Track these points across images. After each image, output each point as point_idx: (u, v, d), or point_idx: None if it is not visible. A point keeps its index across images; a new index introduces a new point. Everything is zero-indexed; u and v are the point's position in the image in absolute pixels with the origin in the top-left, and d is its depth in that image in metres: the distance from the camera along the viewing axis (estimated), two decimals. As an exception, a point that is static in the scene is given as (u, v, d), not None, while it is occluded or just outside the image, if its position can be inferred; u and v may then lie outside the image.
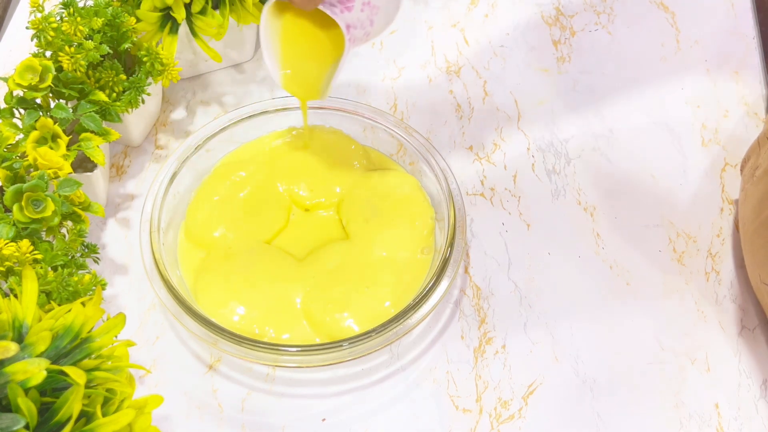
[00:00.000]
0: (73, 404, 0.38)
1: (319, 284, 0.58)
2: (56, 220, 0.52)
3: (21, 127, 0.57)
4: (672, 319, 0.60)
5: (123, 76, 0.61)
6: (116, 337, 0.43)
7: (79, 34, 0.58)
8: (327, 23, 0.54)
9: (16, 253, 0.49)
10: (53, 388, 0.40)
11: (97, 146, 0.58)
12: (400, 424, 0.55)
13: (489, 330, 0.59)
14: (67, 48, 0.57)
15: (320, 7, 0.51)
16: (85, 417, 0.39)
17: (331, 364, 0.55)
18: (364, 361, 0.57)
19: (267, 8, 0.54)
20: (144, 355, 0.58)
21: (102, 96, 0.59)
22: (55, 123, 0.56)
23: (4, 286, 0.51)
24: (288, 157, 0.65)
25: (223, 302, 0.57)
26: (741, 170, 0.64)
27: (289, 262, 0.60)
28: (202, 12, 0.64)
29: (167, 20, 0.64)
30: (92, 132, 0.58)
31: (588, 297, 0.61)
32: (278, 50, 0.57)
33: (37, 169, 0.54)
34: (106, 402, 0.41)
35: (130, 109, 0.62)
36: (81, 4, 0.61)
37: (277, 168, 0.64)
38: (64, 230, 0.55)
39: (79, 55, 0.57)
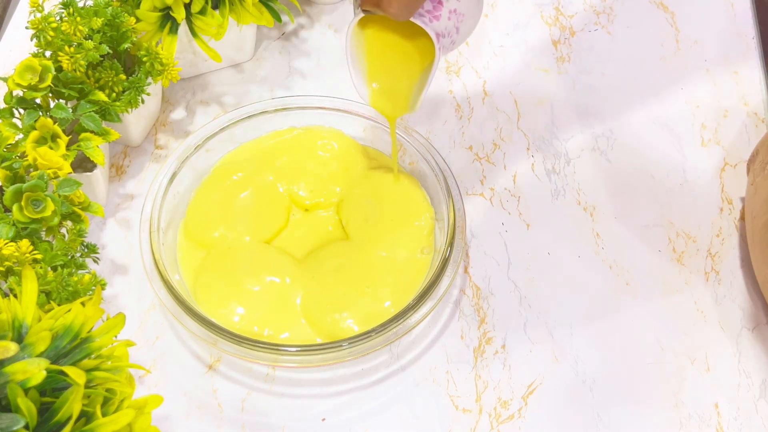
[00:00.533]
0: (72, 404, 0.38)
1: (319, 284, 0.58)
2: (56, 220, 0.52)
3: (21, 127, 0.57)
4: (672, 319, 0.60)
5: (123, 76, 0.61)
6: (116, 337, 0.43)
7: (78, 34, 0.58)
8: (413, 34, 0.53)
9: (16, 253, 0.49)
10: (53, 388, 0.40)
11: (97, 146, 0.58)
12: (400, 424, 0.55)
13: (489, 330, 0.59)
14: (66, 48, 0.57)
15: (411, 18, 0.50)
16: (85, 417, 0.39)
17: (330, 364, 0.55)
18: (363, 361, 0.57)
19: (352, 25, 0.52)
20: (144, 355, 0.58)
21: (102, 96, 0.59)
22: (54, 123, 0.56)
23: (4, 286, 0.51)
24: (288, 157, 0.65)
25: (222, 302, 0.57)
26: (749, 164, 0.63)
27: (289, 262, 0.60)
28: (202, 12, 0.64)
29: (167, 20, 0.64)
30: (92, 132, 0.58)
31: (588, 297, 0.61)
32: (364, 65, 0.55)
33: (36, 169, 0.54)
34: (105, 402, 0.41)
35: (129, 109, 0.62)
36: (81, 4, 0.61)
37: (277, 168, 0.64)
38: (63, 230, 0.55)
39: (78, 55, 0.57)
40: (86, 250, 0.56)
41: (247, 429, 0.54)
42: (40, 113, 0.57)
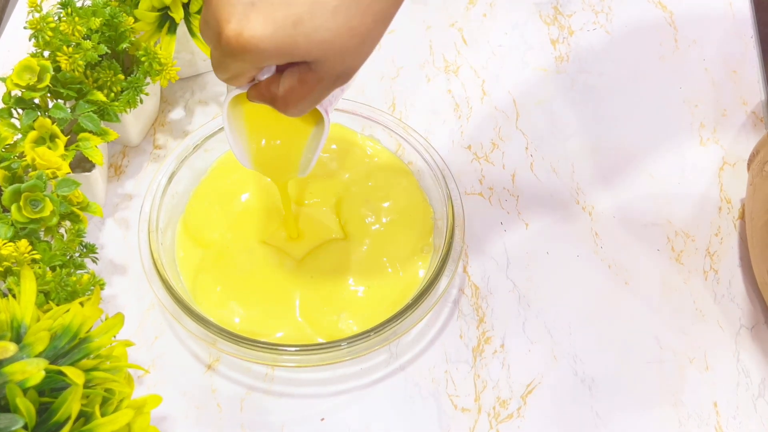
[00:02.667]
0: (71, 404, 0.38)
1: (318, 284, 0.58)
2: (54, 220, 0.52)
3: (19, 127, 0.57)
4: (670, 318, 0.60)
5: (121, 76, 0.61)
6: (115, 337, 0.43)
7: (77, 34, 0.58)
8: None
9: (15, 253, 0.49)
10: (52, 389, 0.40)
11: (96, 146, 0.58)
12: (399, 423, 0.55)
13: (488, 329, 0.59)
14: (65, 48, 0.57)
15: None
16: (84, 417, 0.39)
17: (329, 364, 0.55)
18: (362, 360, 0.57)
19: (227, 102, 0.48)
20: (143, 355, 0.58)
21: (100, 96, 0.59)
22: (53, 123, 0.56)
23: (3, 286, 0.51)
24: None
25: (221, 302, 0.57)
26: (749, 164, 0.64)
27: (288, 261, 0.60)
28: (200, 11, 0.64)
29: (165, 20, 0.64)
30: (90, 132, 0.58)
31: (587, 296, 0.61)
32: (244, 135, 0.52)
33: (35, 169, 0.54)
34: (104, 402, 0.41)
35: (128, 109, 0.61)
36: (79, 4, 0.61)
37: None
38: (62, 230, 0.55)
39: (77, 55, 0.57)
40: (85, 250, 0.56)
41: (246, 429, 0.54)
42: (39, 113, 0.57)
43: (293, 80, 0.42)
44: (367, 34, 0.40)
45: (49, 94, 0.59)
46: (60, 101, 0.59)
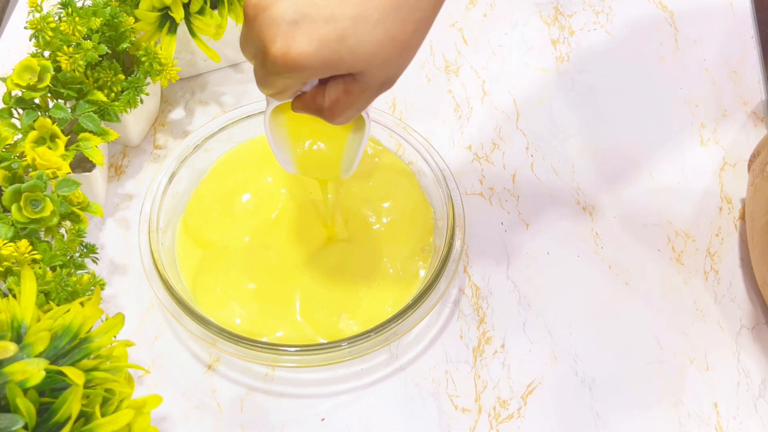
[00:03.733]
0: (71, 404, 0.38)
1: (318, 284, 0.58)
2: (55, 220, 0.52)
3: (19, 127, 0.57)
4: (671, 318, 0.60)
5: (121, 76, 0.61)
6: (115, 337, 0.43)
7: (77, 34, 0.58)
8: None
9: (15, 253, 0.49)
10: (52, 389, 0.40)
11: (96, 146, 0.58)
12: (399, 423, 0.55)
13: (488, 329, 0.59)
14: (65, 48, 0.57)
15: None
16: (84, 417, 0.39)
17: (330, 364, 0.55)
18: (363, 360, 0.57)
19: (269, 113, 0.49)
20: (143, 355, 0.58)
21: (100, 96, 0.59)
22: (53, 123, 0.56)
23: (3, 287, 0.51)
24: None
25: (221, 302, 0.57)
26: (749, 165, 0.64)
27: (288, 261, 0.60)
28: (201, 12, 0.64)
29: (166, 20, 0.64)
30: (91, 132, 0.58)
31: (587, 296, 0.61)
32: (287, 139, 0.53)
33: (35, 169, 0.54)
34: (105, 402, 0.41)
35: (128, 109, 0.61)
36: (79, 4, 0.61)
37: (276, 168, 0.64)
38: (62, 230, 0.55)
39: (77, 55, 0.57)
40: (85, 250, 0.56)
41: (246, 429, 0.54)
42: (39, 113, 0.57)
43: (339, 92, 0.42)
44: (409, 42, 0.41)
45: (49, 94, 0.59)
46: (60, 101, 0.59)
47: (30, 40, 0.58)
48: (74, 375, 0.38)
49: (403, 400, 0.56)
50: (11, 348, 0.38)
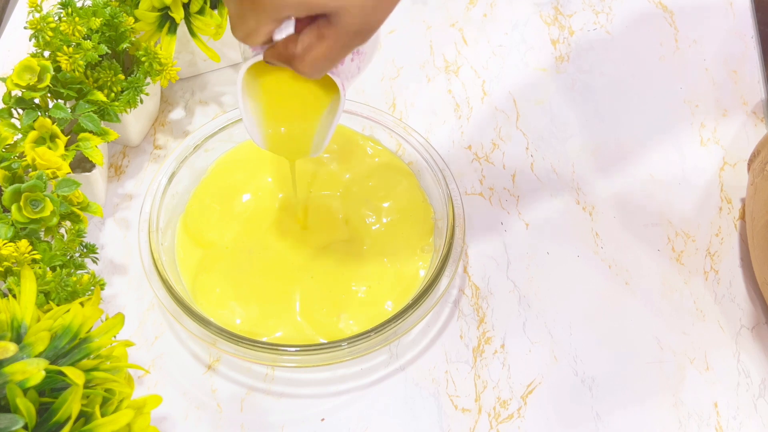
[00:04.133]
0: (71, 404, 0.38)
1: (318, 284, 0.58)
2: (55, 220, 0.52)
3: (19, 127, 0.57)
4: (671, 318, 0.60)
5: (121, 76, 0.61)
6: (115, 337, 0.43)
7: (77, 34, 0.58)
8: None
9: (15, 253, 0.49)
10: (52, 389, 0.40)
11: (96, 146, 0.58)
12: (399, 423, 0.55)
13: (488, 329, 0.59)
14: (65, 48, 0.57)
15: None
16: (84, 417, 0.39)
17: (330, 364, 0.55)
18: (363, 360, 0.57)
19: (244, 70, 0.48)
20: (143, 355, 0.58)
21: (100, 96, 0.59)
22: (53, 123, 0.56)
23: (3, 287, 0.51)
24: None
25: (221, 302, 0.57)
26: (749, 165, 0.64)
27: (288, 261, 0.60)
28: (201, 12, 0.64)
29: (165, 20, 0.64)
30: (91, 132, 0.58)
31: (587, 296, 0.61)
32: (259, 109, 0.51)
33: (35, 169, 0.54)
34: (104, 402, 0.41)
35: (128, 109, 0.61)
36: (79, 4, 0.61)
37: (275, 168, 0.64)
38: (62, 230, 0.55)
39: (77, 55, 0.57)
40: (85, 250, 0.56)
41: (247, 429, 0.54)
42: (39, 113, 0.57)
43: (312, 36, 0.41)
44: None
45: (49, 94, 0.59)
46: (60, 101, 0.59)
47: (30, 40, 0.58)
48: (74, 375, 0.38)
49: (403, 400, 0.56)
50: (11, 348, 0.38)
